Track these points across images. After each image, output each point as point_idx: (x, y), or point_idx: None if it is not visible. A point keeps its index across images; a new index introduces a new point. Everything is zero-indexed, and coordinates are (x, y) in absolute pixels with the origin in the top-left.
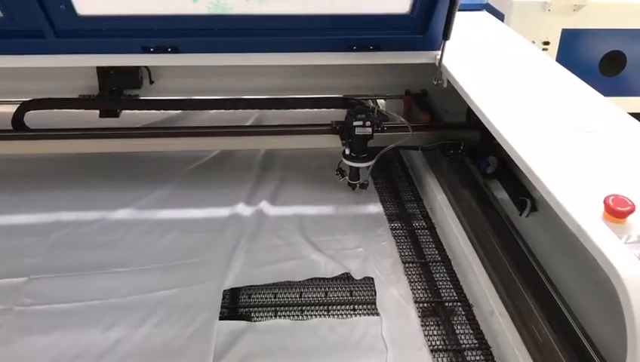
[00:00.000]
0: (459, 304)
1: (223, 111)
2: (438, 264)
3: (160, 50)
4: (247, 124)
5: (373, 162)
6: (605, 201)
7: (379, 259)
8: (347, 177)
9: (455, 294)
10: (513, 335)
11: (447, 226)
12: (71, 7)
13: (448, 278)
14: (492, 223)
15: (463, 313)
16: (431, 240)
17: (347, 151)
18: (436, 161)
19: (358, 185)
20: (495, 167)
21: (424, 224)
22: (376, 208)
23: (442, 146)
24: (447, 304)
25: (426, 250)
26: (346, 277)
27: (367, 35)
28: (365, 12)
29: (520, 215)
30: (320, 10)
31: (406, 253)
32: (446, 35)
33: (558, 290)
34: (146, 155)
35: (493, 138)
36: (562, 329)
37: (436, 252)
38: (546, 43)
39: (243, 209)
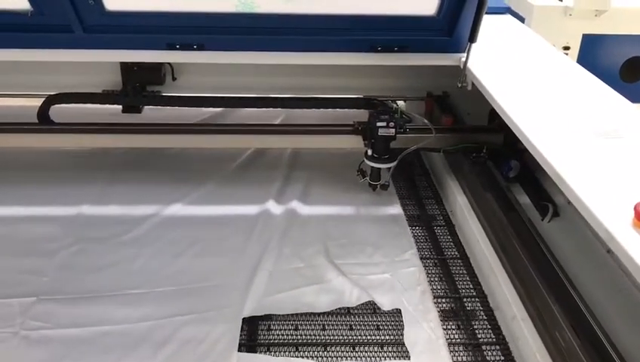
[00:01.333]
0: (497, 347)
1: (243, 109)
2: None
3: (186, 47)
4: (264, 123)
5: (395, 163)
6: (636, 208)
7: (406, 288)
8: (368, 178)
9: (493, 335)
10: (535, 340)
11: (468, 228)
12: (100, 3)
13: (483, 314)
14: (514, 227)
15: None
16: (456, 253)
17: (369, 152)
18: (458, 163)
19: (378, 186)
20: (517, 171)
21: (446, 230)
22: (396, 210)
23: (464, 149)
24: (484, 346)
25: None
26: (373, 312)
27: (393, 36)
28: (391, 13)
29: (542, 220)
30: (346, 10)
31: (434, 278)
32: (472, 38)
33: (581, 296)
34: (166, 152)
35: (517, 142)
36: (586, 336)
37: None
38: (567, 48)
39: (265, 218)
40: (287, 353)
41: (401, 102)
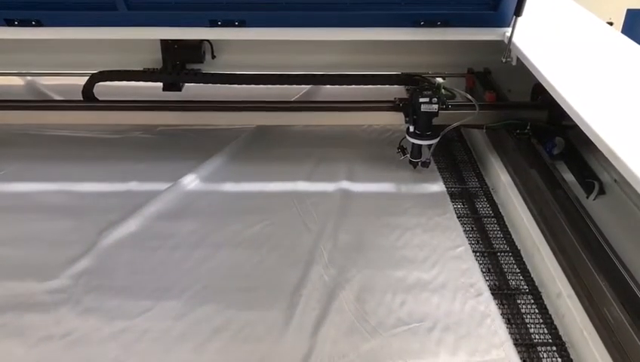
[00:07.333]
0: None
1: (282, 86)
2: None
3: (227, 23)
4: (302, 100)
5: (437, 140)
6: None
7: None
8: (409, 155)
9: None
10: (582, 317)
11: (511, 205)
12: None
13: None
14: (560, 204)
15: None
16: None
17: (411, 129)
18: (500, 140)
19: (419, 163)
20: (561, 149)
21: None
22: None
23: (508, 126)
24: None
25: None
26: None
27: (436, 11)
28: None
29: (587, 197)
30: None
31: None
32: (518, 11)
33: (630, 273)
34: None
35: (561, 118)
36: (636, 311)
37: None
38: (610, 23)
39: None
40: None
41: (439, 79)
